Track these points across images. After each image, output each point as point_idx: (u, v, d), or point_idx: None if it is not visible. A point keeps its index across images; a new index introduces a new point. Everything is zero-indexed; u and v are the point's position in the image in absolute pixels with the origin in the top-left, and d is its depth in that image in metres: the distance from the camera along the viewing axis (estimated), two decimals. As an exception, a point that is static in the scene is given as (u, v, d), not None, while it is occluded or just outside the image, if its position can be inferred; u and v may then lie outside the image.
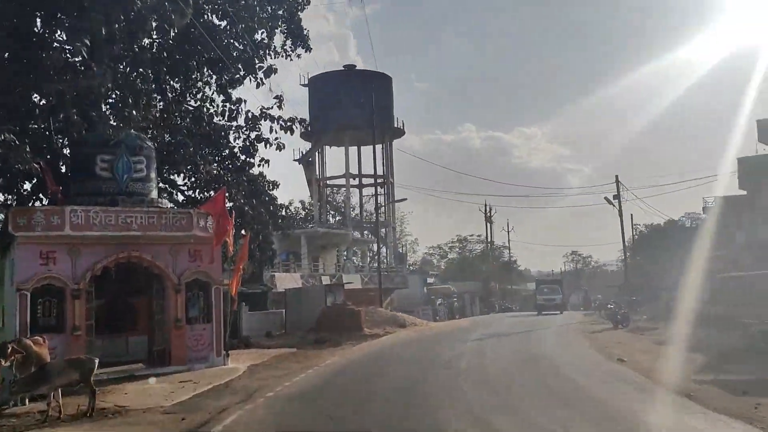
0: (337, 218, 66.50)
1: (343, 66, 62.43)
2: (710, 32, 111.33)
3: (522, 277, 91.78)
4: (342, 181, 61.79)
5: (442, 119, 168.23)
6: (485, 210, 64.67)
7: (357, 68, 62.10)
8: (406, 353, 20.03)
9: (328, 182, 62.79)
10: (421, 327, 32.24)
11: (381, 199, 52.44)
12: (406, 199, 36.33)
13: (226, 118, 22.17)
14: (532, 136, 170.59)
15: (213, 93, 21.96)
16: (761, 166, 37.42)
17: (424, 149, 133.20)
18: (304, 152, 59.86)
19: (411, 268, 60.59)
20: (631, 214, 55.12)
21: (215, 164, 21.50)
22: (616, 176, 42.56)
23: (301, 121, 22.21)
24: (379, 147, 58.77)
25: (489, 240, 66.43)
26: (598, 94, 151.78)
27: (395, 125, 60.07)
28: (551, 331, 28.33)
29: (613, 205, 42.29)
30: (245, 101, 21.98)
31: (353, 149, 60.99)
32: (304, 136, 60.35)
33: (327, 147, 61.63)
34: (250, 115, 22.72)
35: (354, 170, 61.22)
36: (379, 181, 59.38)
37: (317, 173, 60.58)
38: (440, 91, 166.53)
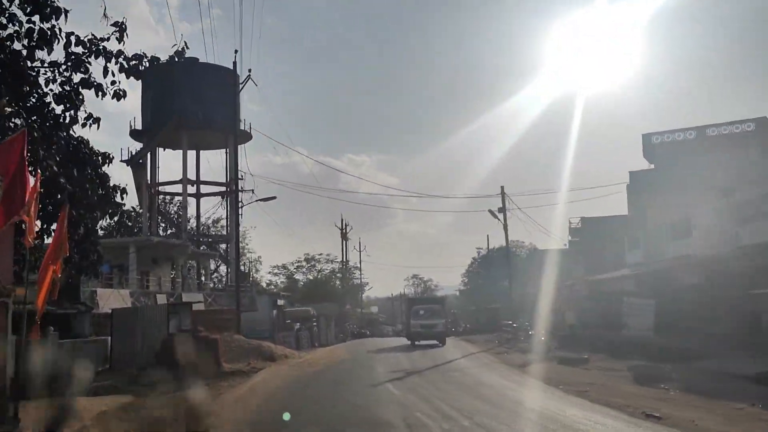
0: (169, 231, 57.59)
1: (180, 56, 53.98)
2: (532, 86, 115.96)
3: (365, 301, 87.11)
4: (178, 188, 53.19)
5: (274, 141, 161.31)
6: (341, 225, 58.81)
7: (200, 61, 54.10)
8: (317, 413, 13.12)
9: (160, 188, 53.85)
10: (296, 360, 25.49)
11: (238, 206, 44.64)
12: (275, 198, 28.79)
13: (32, 43, 14.08)
14: (360, 164, 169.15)
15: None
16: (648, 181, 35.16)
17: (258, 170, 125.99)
18: (133, 153, 50.84)
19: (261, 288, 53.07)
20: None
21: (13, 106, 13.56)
22: (502, 187, 38.42)
23: (153, 60, 14.78)
24: (224, 150, 51.13)
25: (344, 258, 60.54)
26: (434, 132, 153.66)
27: (242, 128, 52.68)
28: (478, 364, 22.87)
29: (498, 219, 37.94)
30: (65, 14, 14.00)
31: (192, 153, 52.91)
32: (135, 135, 51.62)
33: (161, 149, 52.97)
34: (73, 41, 14.71)
35: (192, 176, 53.04)
36: (221, 189, 51.81)
37: (148, 177, 51.58)
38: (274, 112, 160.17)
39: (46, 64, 14.84)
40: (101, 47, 14.73)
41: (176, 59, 15.28)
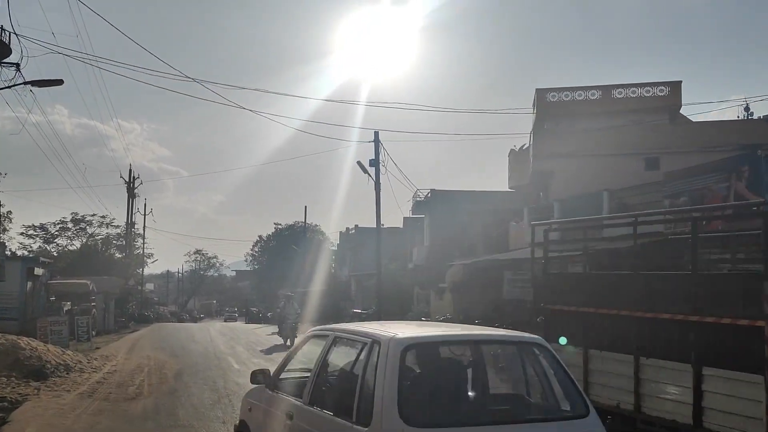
0: None
1: None
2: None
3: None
4: None
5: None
6: (129, 177, 45.85)
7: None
8: None
9: None
10: (90, 377, 14.29)
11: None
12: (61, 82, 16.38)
13: None
14: (131, 131, 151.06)
15: None
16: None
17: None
18: None
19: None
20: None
21: None
22: (376, 133, 29.36)
23: None
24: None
25: (130, 219, 47.43)
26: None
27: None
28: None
29: (369, 174, 28.83)
30: None
31: None
32: None
33: None
34: None
35: None
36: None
37: None
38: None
39: None
40: None
41: None
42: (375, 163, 29.20)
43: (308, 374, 5.72)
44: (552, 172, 29.06)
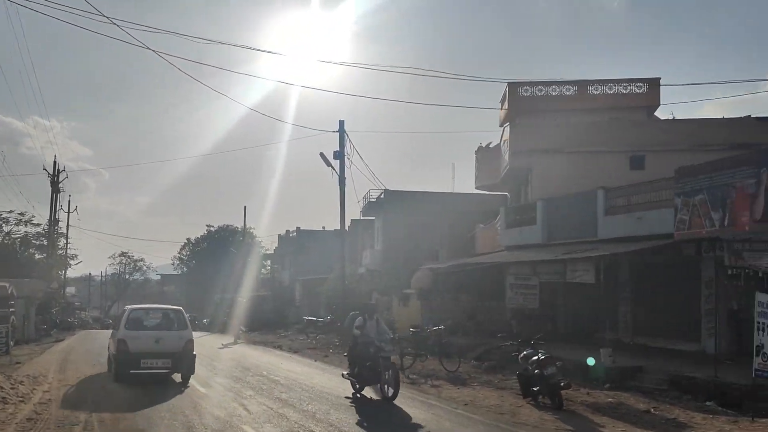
0: None
1: None
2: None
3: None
4: None
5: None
6: (54, 170, 41.53)
7: None
8: None
9: None
10: (13, 411, 11.07)
11: None
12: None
13: None
14: (49, 129, 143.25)
15: None
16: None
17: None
18: None
19: None
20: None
21: None
22: (341, 122, 26.65)
23: None
24: None
25: (53, 215, 42.97)
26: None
27: None
28: None
29: (332, 167, 26.11)
30: None
31: None
32: None
33: None
34: None
35: None
36: None
37: None
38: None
39: None
40: None
41: None
42: (339, 155, 26.58)
43: None
44: (530, 169, 27.06)
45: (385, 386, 12.32)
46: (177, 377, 15.17)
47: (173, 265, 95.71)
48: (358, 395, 12.98)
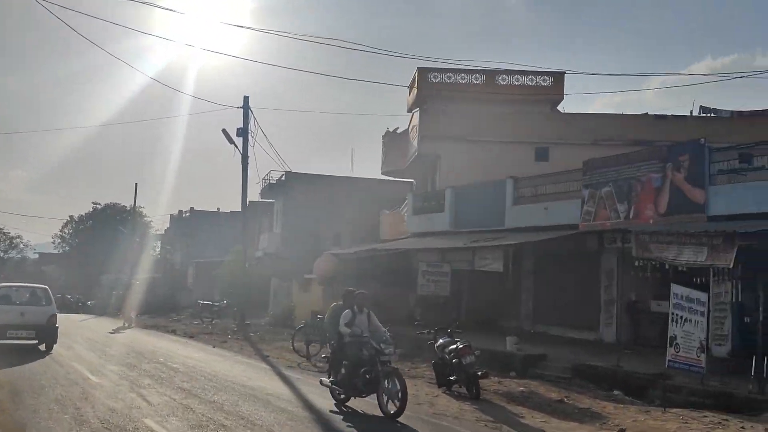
0: None
1: None
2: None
3: None
4: None
5: None
6: None
7: None
8: None
9: None
10: None
11: None
12: None
13: None
14: None
15: None
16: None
17: None
18: None
19: None
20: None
21: None
22: (246, 98, 25.54)
23: None
24: None
25: None
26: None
27: None
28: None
29: (235, 145, 25.07)
30: None
31: None
32: None
33: None
34: None
35: None
36: None
37: None
38: None
39: None
40: None
41: None
42: (243, 132, 25.51)
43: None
44: (438, 156, 27.05)
45: (385, 398, 9.84)
46: (64, 369, 13.99)
47: (54, 244, 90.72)
48: (344, 408, 10.48)
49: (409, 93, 33.00)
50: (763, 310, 13.66)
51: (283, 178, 40.39)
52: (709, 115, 27.91)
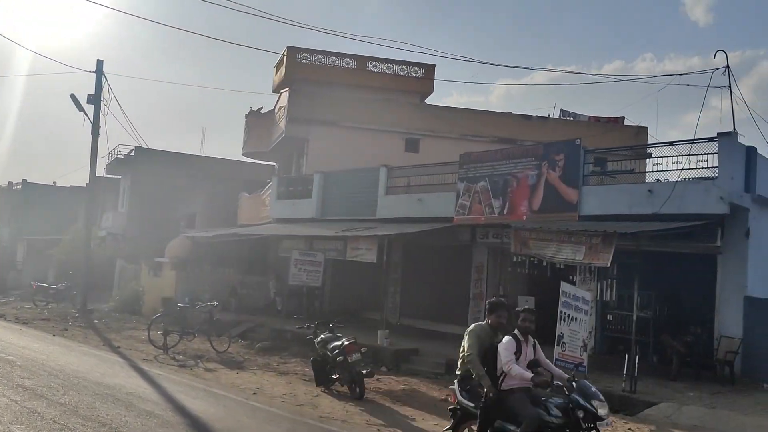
0: None
1: None
2: None
3: None
4: None
5: None
6: None
7: None
8: None
9: None
10: None
11: None
12: None
13: None
14: None
15: None
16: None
17: None
18: None
19: None
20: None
21: None
22: (99, 62, 23.23)
23: None
24: None
25: None
26: None
27: None
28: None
29: (84, 113, 22.80)
30: None
31: None
32: None
33: None
34: None
35: None
36: None
37: None
38: None
39: None
40: None
41: None
42: (95, 99, 23.20)
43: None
44: (306, 140, 26.13)
45: None
46: None
47: None
48: None
49: (276, 72, 31.77)
50: (638, 309, 14.15)
51: (133, 153, 37.71)
52: (568, 118, 29.07)
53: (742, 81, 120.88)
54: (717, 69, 15.15)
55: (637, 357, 12.29)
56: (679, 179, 14.13)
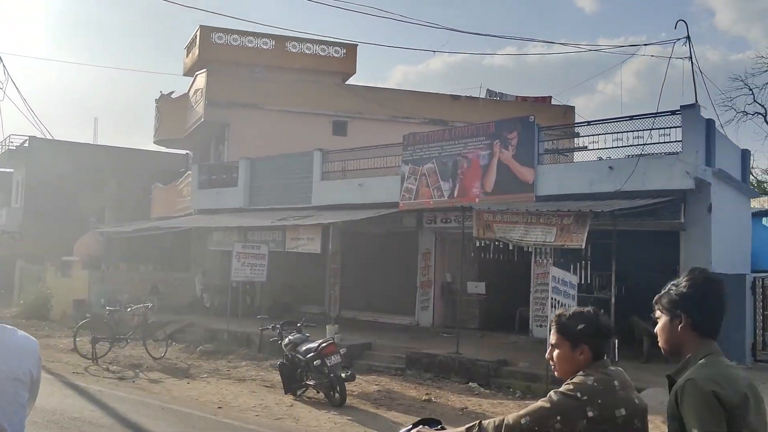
0: None
1: None
2: None
3: None
4: None
5: None
6: None
7: None
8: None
9: None
10: None
11: None
12: None
13: None
14: None
15: None
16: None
17: None
18: None
19: None
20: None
21: None
22: None
23: None
24: None
25: None
26: None
27: None
28: None
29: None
30: None
31: None
32: None
33: None
34: None
35: None
36: None
37: None
38: None
39: None
40: None
41: None
42: (-11, 84, 20.70)
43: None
44: (227, 125, 24.54)
45: None
46: None
47: None
48: None
49: (187, 54, 29.81)
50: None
51: (26, 144, 34.65)
52: (496, 98, 28.73)
53: (628, 66, 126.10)
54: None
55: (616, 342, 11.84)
56: (643, 153, 13.79)
